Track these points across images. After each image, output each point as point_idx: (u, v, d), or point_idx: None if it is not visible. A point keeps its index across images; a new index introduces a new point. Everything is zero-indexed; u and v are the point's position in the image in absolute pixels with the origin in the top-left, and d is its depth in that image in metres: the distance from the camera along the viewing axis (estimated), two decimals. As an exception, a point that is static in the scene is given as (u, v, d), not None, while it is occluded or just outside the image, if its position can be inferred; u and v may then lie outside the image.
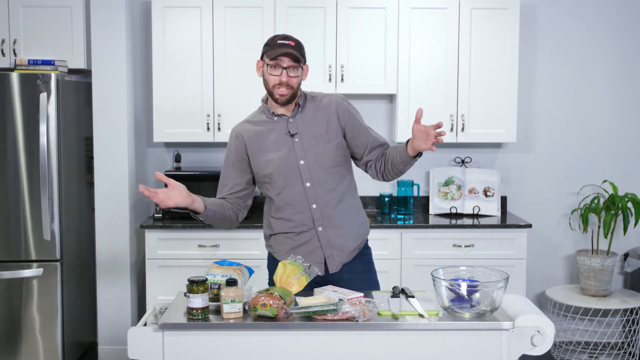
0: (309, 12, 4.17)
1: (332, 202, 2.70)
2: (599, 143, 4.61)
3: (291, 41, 2.63)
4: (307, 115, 2.72)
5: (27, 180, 3.88)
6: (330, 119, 2.71)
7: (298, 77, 2.64)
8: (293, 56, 2.59)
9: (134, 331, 2.29)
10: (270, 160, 2.68)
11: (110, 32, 4.12)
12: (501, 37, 4.22)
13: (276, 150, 2.69)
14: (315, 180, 2.67)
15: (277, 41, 2.62)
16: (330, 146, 2.69)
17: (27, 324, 3.94)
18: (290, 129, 2.69)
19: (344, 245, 2.71)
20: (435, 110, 4.24)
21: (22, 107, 3.86)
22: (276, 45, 2.61)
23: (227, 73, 4.20)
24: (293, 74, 2.62)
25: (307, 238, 2.70)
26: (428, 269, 2.61)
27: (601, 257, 4.22)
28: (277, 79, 2.62)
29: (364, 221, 2.83)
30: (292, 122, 2.71)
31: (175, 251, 4.06)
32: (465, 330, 2.28)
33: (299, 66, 2.62)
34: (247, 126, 2.77)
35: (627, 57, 4.56)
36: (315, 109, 2.73)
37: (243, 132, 2.75)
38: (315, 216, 2.68)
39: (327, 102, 2.75)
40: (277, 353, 2.27)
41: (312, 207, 2.68)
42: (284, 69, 2.60)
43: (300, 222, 2.69)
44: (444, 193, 4.46)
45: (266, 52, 2.64)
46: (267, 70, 2.64)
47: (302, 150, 2.67)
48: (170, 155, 4.55)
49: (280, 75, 2.61)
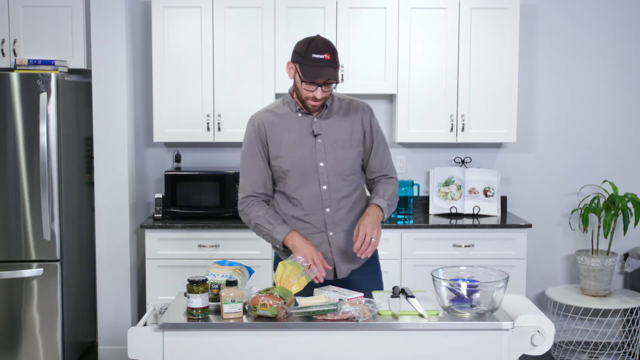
0: (309, 12, 4.17)
1: (345, 208, 2.66)
2: (599, 143, 4.61)
3: (326, 54, 2.49)
4: (333, 118, 2.66)
5: (27, 180, 3.88)
6: (354, 126, 2.66)
7: (331, 90, 2.58)
8: (330, 77, 2.49)
9: (134, 331, 2.29)
10: (289, 157, 2.62)
11: (110, 32, 4.12)
12: (501, 37, 4.21)
13: (297, 148, 2.62)
14: (331, 185, 2.63)
15: (311, 55, 2.49)
16: (351, 153, 2.65)
17: (27, 324, 3.94)
18: (314, 129, 2.63)
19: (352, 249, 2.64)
20: (435, 110, 4.24)
21: (22, 107, 3.86)
22: (311, 62, 2.49)
23: (227, 73, 4.20)
24: (327, 89, 2.55)
25: (317, 241, 2.65)
26: (428, 269, 2.61)
27: (601, 257, 4.22)
28: (311, 94, 2.54)
29: None
30: (316, 122, 2.64)
31: (175, 251, 4.06)
32: (465, 330, 2.28)
33: (336, 81, 2.53)
34: (269, 115, 2.67)
35: (627, 57, 4.56)
36: (342, 112, 2.67)
37: (264, 120, 2.66)
38: (328, 220, 2.65)
39: (354, 108, 2.69)
40: (277, 353, 2.27)
41: (325, 211, 2.64)
42: (318, 86, 2.52)
43: (312, 224, 2.65)
44: (444, 193, 4.45)
45: (299, 63, 2.52)
46: (299, 80, 2.55)
47: (323, 153, 2.62)
48: (170, 155, 4.55)
49: (315, 91, 2.53)
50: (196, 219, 4.15)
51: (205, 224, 4.05)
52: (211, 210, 4.19)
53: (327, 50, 2.50)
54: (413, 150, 4.58)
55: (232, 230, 4.05)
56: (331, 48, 2.53)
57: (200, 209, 4.19)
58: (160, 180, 4.52)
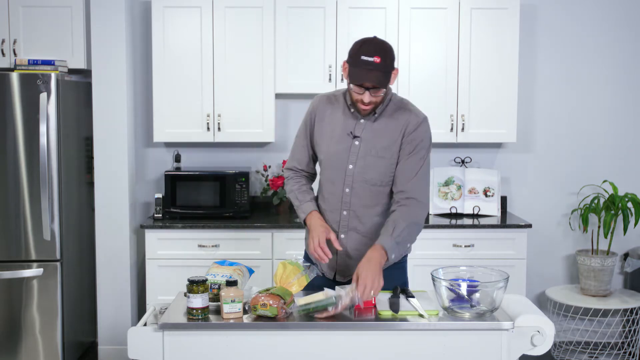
0: (309, 12, 4.17)
1: (363, 217, 2.61)
2: (599, 143, 4.61)
3: (376, 57, 2.39)
4: (380, 123, 2.58)
5: (27, 180, 3.88)
6: (395, 137, 2.56)
7: (382, 95, 2.49)
8: (377, 83, 2.41)
9: (134, 331, 2.29)
10: (325, 150, 2.61)
11: (110, 32, 4.12)
12: (501, 37, 4.21)
13: (335, 144, 2.60)
14: (355, 190, 2.59)
15: (361, 57, 2.41)
16: (382, 163, 2.56)
17: (27, 324, 3.94)
18: (355, 130, 2.59)
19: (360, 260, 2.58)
20: (435, 110, 4.23)
21: (22, 107, 3.86)
22: (360, 64, 2.41)
23: (227, 73, 4.20)
24: (377, 93, 2.46)
25: None
26: (428, 269, 2.61)
27: (601, 257, 4.22)
28: (360, 97, 2.48)
29: None
30: (360, 124, 2.59)
31: (175, 251, 4.06)
32: (465, 330, 2.28)
33: (384, 87, 2.45)
34: (325, 101, 2.66)
35: (627, 57, 4.56)
36: (391, 119, 2.57)
37: (320, 106, 2.66)
38: (342, 222, 2.63)
39: (403, 117, 2.57)
40: (277, 353, 2.27)
41: (342, 213, 2.62)
42: (367, 90, 2.45)
43: (329, 221, 2.64)
44: (444, 193, 4.45)
45: (349, 65, 2.46)
46: (351, 87, 2.49)
47: (356, 156, 2.57)
48: (170, 155, 4.55)
49: (363, 95, 2.47)
50: (196, 219, 4.15)
51: (205, 224, 4.05)
52: (211, 210, 4.19)
53: (378, 52, 2.41)
54: (413, 150, 4.58)
55: (232, 230, 4.05)
56: (384, 51, 2.43)
57: (200, 209, 4.19)
58: (160, 180, 4.52)
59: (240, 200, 4.17)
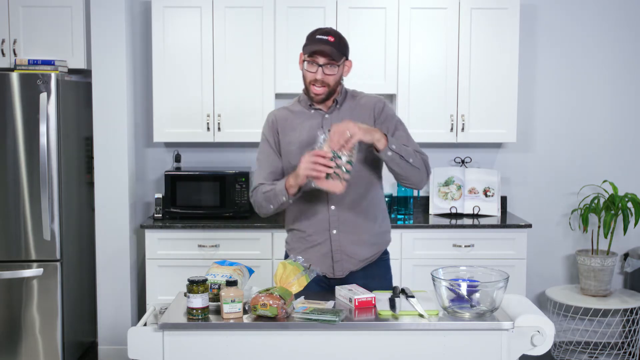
0: (309, 12, 4.17)
1: (351, 207, 2.64)
2: (599, 143, 4.61)
3: (330, 36, 2.54)
4: (344, 114, 2.65)
5: (27, 180, 3.88)
6: (365, 119, 2.63)
7: (335, 75, 2.58)
8: (329, 53, 2.51)
9: (134, 331, 2.29)
10: (299, 153, 2.60)
11: (110, 32, 4.12)
12: (501, 37, 4.21)
13: (306, 144, 2.62)
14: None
15: (316, 36, 2.55)
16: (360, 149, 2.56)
17: (27, 324, 3.94)
18: (324, 125, 2.63)
19: (355, 252, 2.65)
20: (435, 110, 4.24)
21: (22, 107, 3.86)
22: (314, 41, 2.54)
23: (227, 73, 4.20)
24: (329, 72, 2.55)
25: (320, 240, 2.65)
26: (428, 269, 2.61)
27: (601, 257, 4.22)
28: (313, 76, 2.56)
29: (384, 231, 2.75)
30: (327, 119, 2.65)
31: (175, 251, 4.06)
32: (465, 330, 2.28)
33: (336, 64, 2.55)
34: (284, 112, 2.72)
35: (627, 57, 4.56)
36: (353, 108, 2.67)
37: (279, 117, 2.70)
38: (332, 219, 2.64)
39: (365, 103, 2.69)
40: (277, 353, 2.27)
41: (330, 209, 2.64)
42: (319, 66, 2.54)
43: (316, 222, 2.65)
44: (444, 193, 4.45)
45: (305, 45, 2.57)
46: (304, 66, 2.58)
47: None
48: (170, 155, 4.55)
49: (316, 72, 2.55)
50: (196, 219, 4.15)
51: (205, 224, 4.05)
52: (211, 210, 4.19)
53: (332, 33, 2.56)
54: (413, 150, 4.58)
55: (232, 230, 4.05)
56: (338, 35, 2.58)
57: (200, 209, 4.19)
58: (160, 180, 4.52)
59: (240, 200, 4.18)
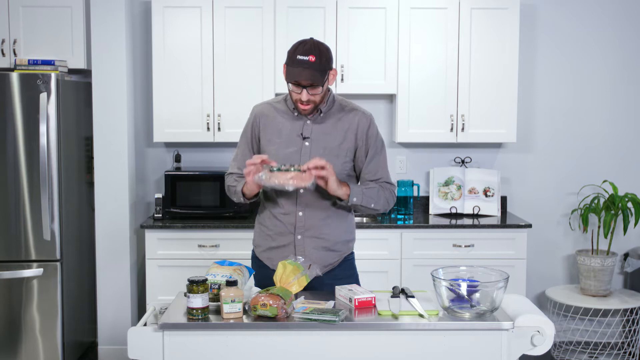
0: (309, 12, 4.17)
1: (320, 215, 2.65)
2: (599, 143, 4.61)
3: (311, 56, 2.47)
4: (327, 123, 2.65)
5: (27, 180, 3.88)
6: (347, 135, 2.64)
7: (320, 93, 2.56)
8: (311, 79, 2.48)
9: (134, 331, 2.29)
10: (275, 154, 2.62)
11: (110, 32, 4.12)
12: (501, 37, 4.21)
13: (285, 146, 2.63)
14: (309, 190, 2.60)
15: (296, 56, 2.49)
16: (337, 162, 2.61)
17: (27, 324, 3.94)
18: (304, 131, 2.64)
19: (319, 258, 2.65)
20: (435, 110, 4.24)
21: (22, 107, 3.86)
22: (295, 63, 2.48)
23: (227, 73, 4.20)
24: (314, 92, 2.54)
25: (285, 242, 2.67)
26: (428, 269, 2.61)
27: (601, 257, 4.22)
28: (298, 97, 2.55)
29: (348, 240, 2.76)
30: (308, 125, 2.64)
31: (175, 251, 4.06)
32: (465, 330, 2.28)
33: (319, 84, 2.52)
34: (268, 108, 2.71)
35: (627, 57, 4.56)
36: (338, 119, 2.66)
37: (262, 112, 2.70)
38: (299, 224, 2.64)
39: (350, 118, 2.66)
40: (277, 353, 2.27)
41: (298, 214, 2.64)
42: (304, 88, 2.52)
43: (282, 225, 2.66)
44: (444, 193, 4.45)
45: (286, 65, 2.53)
46: (289, 87, 2.57)
47: (307, 156, 2.60)
48: (170, 155, 4.55)
49: (301, 93, 2.53)
50: (196, 219, 4.15)
51: (205, 224, 4.05)
52: (211, 210, 4.19)
53: (313, 52, 2.48)
54: (413, 150, 4.58)
55: (232, 230, 4.05)
56: (319, 50, 2.50)
57: (200, 209, 4.19)
58: (160, 180, 4.52)
59: (240, 200, 4.17)
